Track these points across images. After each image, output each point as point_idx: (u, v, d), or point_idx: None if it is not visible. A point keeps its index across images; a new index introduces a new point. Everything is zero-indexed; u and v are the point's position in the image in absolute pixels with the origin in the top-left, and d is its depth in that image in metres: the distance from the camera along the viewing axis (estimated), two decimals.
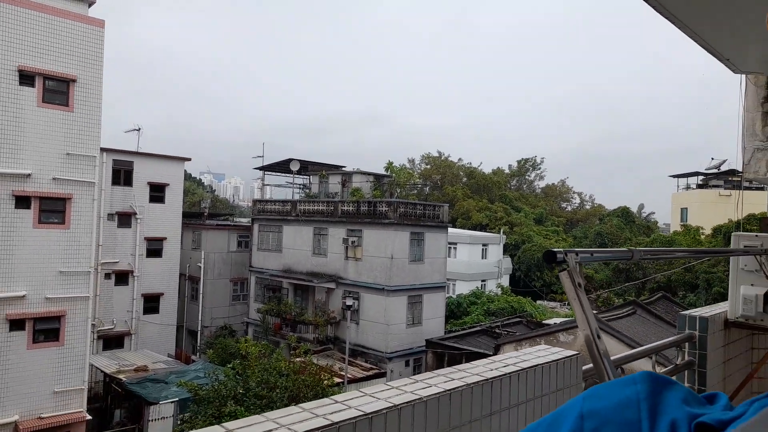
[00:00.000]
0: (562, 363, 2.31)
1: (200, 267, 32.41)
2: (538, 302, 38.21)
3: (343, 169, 33.94)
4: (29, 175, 16.64)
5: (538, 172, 74.78)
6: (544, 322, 26.62)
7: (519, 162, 74.05)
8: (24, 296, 16.62)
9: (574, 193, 76.40)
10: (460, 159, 71.16)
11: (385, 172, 32.67)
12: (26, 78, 16.57)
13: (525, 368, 2.15)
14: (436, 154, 71.56)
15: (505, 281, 45.04)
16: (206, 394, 16.49)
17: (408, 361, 25.46)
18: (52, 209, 17.28)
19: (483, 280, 42.61)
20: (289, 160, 32.31)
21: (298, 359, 19.01)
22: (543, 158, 74.38)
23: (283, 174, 35.81)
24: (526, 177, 75.85)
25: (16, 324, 16.56)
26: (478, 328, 26.02)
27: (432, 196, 61.21)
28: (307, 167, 34.10)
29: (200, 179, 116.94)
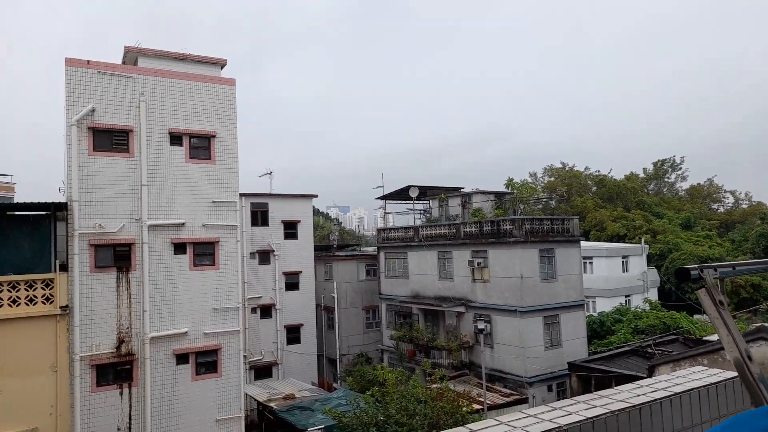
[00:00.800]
0: (724, 386, 2.00)
1: (333, 297, 33.88)
2: (696, 316, 34.17)
3: (462, 190, 33.71)
4: (183, 224, 18.78)
5: (679, 172, 67.98)
6: (704, 338, 23.70)
7: (655, 164, 67.98)
8: (186, 333, 18.59)
9: (725, 192, 68.13)
10: (586, 168, 67.23)
11: (505, 190, 31.84)
12: (175, 138, 18.90)
13: (678, 393, 1.90)
14: (560, 165, 68.34)
15: (653, 295, 41.04)
16: (350, 421, 16.95)
17: (551, 386, 24.07)
18: (204, 253, 19.27)
19: (627, 296, 39.24)
20: (408, 187, 32.85)
21: (434, 386, 18.87)
22: (683, 157, 67.56)
23: (403, 201, 36.47)
24: (665, 179, 69.30)
25: (181, 358, 18.54)
26: (627, 348, 23.87)
27: (559, 210, 58.35)
28: (426, 192, 34.41)
29: (327, 213, 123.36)
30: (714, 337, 22.64)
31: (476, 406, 19.86)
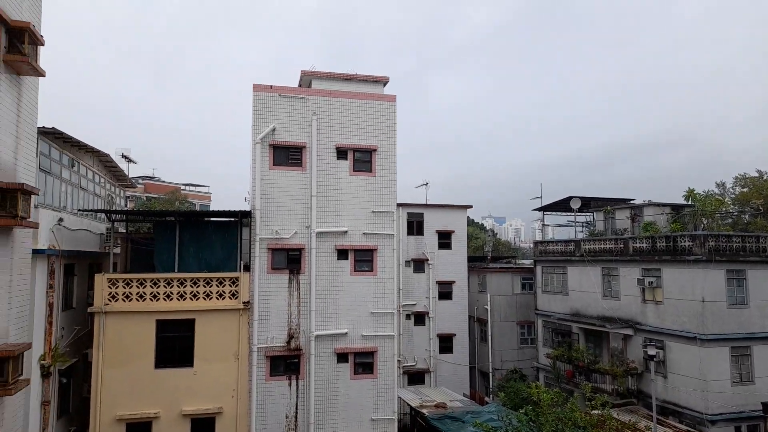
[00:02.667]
0: None
1: (487, 309, 33.38)
2: None
3: (632, 202, 30.96)
4: (346, 231, 20.15)
5: None
6: None
7: None
8: (346, 333, 19.85)
9: None
10: None
11: (685, 202, 28.51)
12: (341, 153, 20.40)
13: None
14: (755, 174, 59.01)
15: None
16: None
17: (739, 426, 20.89)
18: (363, 259, 20.44)
19: None
20: (569, 198, 31.14)
21: (595, 411, 17.58)
22: None
23: (564, 213, 34.65)
24: None
25: (341, 357, 19.83)
26: None
27: (754, 225, 50.40)
28: (589, 204, 32.29)
29: (482, 224, 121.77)
30: None
31: None
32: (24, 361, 12.04)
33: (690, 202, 28.09)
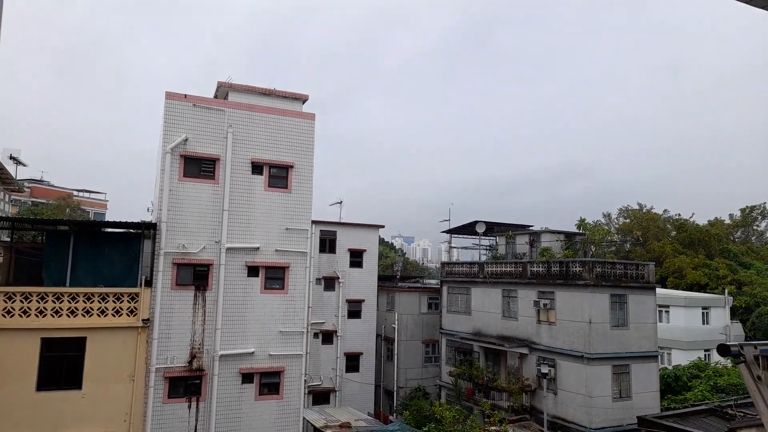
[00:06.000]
0: None
1: (394, 328, 33.94)
2: None
3: (531, 228, 33.15)
4: (258, 248, 19.75)
5: None
6: None
7: (743, 210, 63.61)
8: (253, 353, 19.33)
9: None
10: (665, 210, 63.99)
11: (577, 230, 31.00)
12: (257, 168, 20.08)
13: None
14: (636, 207, 65.46)
15: None
16: None
17: None
18: (275, 277, 20.11)
19: (706, 350, 36.61)
20: (475, 222, 32.72)
21: (493, 428, 18.46)
22: None
23: (469, 236, 36.29)
24: (755, 227, 64.57)
25: (247, 377, 19.25)
26: (705, 407, 22.20)
27: (634, 254, 55.69)
28: (492, 228, 34.11)
29: (392, 243, 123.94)
30: None
31: None
32: None
33: (581, 231, 30.58)
